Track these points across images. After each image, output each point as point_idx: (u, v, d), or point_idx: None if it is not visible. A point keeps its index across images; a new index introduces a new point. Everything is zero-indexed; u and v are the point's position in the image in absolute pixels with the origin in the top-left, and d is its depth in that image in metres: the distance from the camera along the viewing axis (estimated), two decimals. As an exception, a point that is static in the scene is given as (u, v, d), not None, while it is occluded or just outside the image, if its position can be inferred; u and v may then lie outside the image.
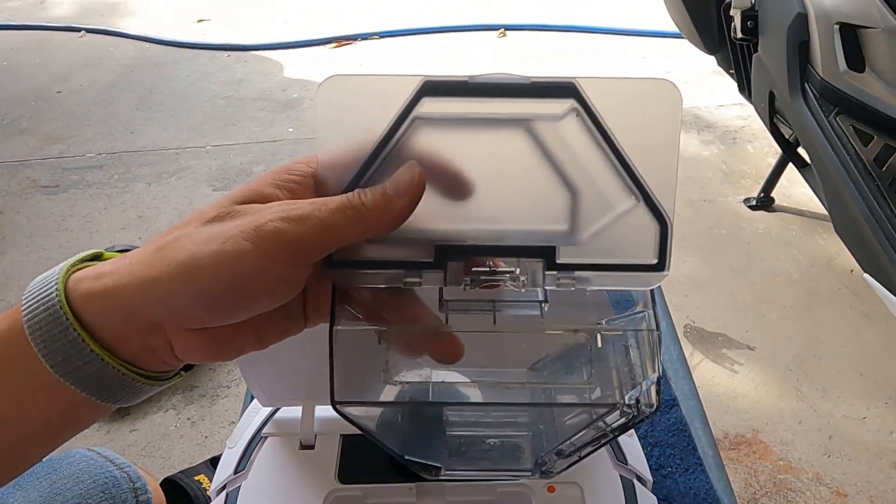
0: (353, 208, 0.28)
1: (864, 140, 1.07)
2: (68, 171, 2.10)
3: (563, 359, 0.37)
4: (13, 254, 1.77)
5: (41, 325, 0.28)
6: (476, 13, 3.01)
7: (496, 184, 0.30)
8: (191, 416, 1.33)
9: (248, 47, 2.83)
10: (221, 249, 0.27)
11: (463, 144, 0.30)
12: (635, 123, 0.29)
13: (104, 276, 0.29)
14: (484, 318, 0.33)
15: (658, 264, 0.31)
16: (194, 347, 0.30)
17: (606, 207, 0.30)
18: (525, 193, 0.30)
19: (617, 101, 0.29)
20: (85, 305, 0.28)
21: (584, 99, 0.29)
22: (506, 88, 0.29)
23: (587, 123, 0.29)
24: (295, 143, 2.20)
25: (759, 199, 1.82)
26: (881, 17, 0.99)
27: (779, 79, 1.23)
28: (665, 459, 0.57)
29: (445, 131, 0.29)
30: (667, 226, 0.30)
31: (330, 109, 0.29)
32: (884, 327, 1.47)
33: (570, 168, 0.30)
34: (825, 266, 1.64)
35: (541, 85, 0.29)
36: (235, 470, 0.51)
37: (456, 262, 0.30)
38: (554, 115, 0.29)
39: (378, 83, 0.29)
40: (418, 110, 0.29)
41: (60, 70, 2.69)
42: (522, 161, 0.30)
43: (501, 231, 0.30)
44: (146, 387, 0.30)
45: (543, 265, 0.30)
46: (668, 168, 0.30)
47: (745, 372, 1.40)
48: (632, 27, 2.81)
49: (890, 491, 1.19)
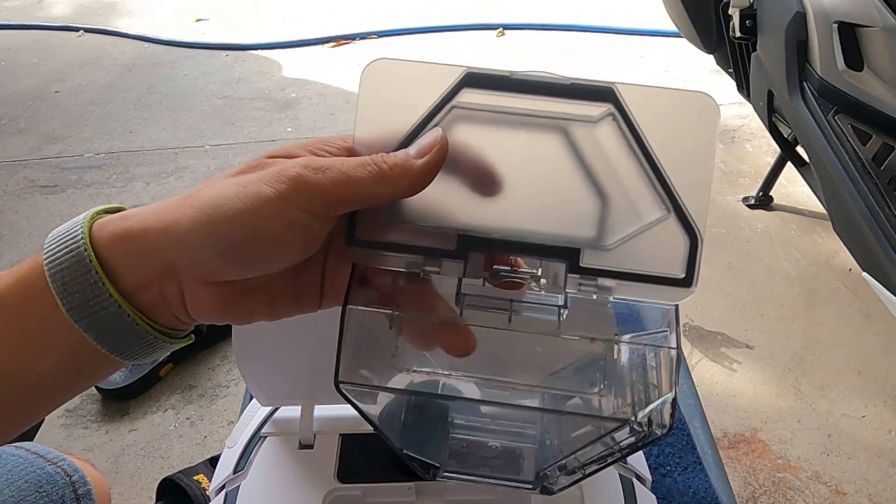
0: (375, 164, 0.28)
1: (862, 139, 1.07)
2: (67, 170, 2.10)
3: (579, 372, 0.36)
4: (11, 254, 1.77)
5: (63, 268, 0.28)
6: (475, 13, 3.01)
7: (526, 181, 0.30)
8: (190, 416, 1.33)
9: (246, 47, 2.83)
10: (241, 192, 0.28)
11: (497, 140, 0.30)
12: (671, 134, 0.29)
13: (130, 219, 0.29)
14: (499, 317, 0.33)
15: (685, 279, 0.30)
16: (206, 303, 0.30)
17: (636, 216, 0.29)
18: (553, 194, 0.30)
19: (654, 110, 0.29)
20: (108, 247, 0.29)
21: (622, 104, 0.29)
22: (545, 87, 0.29)
23: (623, 129, 0.29)
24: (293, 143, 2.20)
25: (758, 198, 1.82)
26: (880, 16, 0.99)
27: (777, 78, 1.23)
28: (664, 458, 0.57)
29: (481, 125, 0.29)
30: (697, 240, 0.29)
31: (372, 90, 0.29)
32: (882, 326, 1.47)
33: (602, 173, 0.29)
34: (824, 265, 1.64)
35: (580, 87, 0.29)
36: (235, 469, 0.51)
37: (477, 252, 0.30)
38: (590, 117, 0.29)
39: (422, 70, 0.29)
40: (458, 100, 0.29)
41: (58, 70, 2.69)
42: (554, 161, 0.30)
43: (526, 229, 0.30)
44: (158, 342, 0.30)
45: (566, 267, 0.30)
46: (701, 182, 0.29)
47: (744, 371, 1.40)
48: (630, 26, 2.81)
49: (889, 489, 1.19)
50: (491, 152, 0.30)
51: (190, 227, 0.28)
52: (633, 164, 0.29)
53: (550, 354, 0.35)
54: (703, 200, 0.29)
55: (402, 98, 0.29)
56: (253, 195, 0.27)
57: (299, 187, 0.28)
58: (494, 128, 0.30)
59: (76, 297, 0.28)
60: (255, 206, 0.27)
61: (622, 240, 0.30)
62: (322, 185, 0.28)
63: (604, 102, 0.29)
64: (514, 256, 0.31)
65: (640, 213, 0.29)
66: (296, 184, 0.28)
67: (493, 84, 0.29)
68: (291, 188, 0.28)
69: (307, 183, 0.28)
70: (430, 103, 0.29)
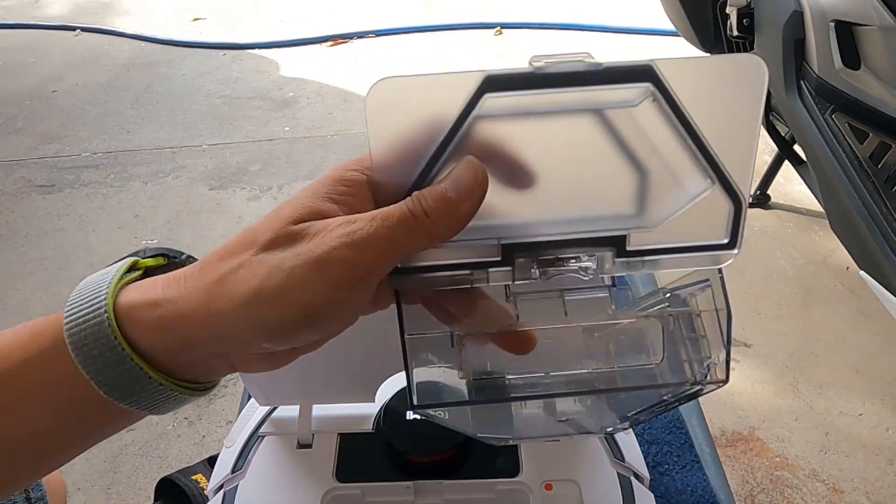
0: (416, 219, 0.27)
1: (859, 137, 1.07)
2: (64, 170, 2.09)
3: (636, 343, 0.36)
4: (9, 254, 1.76)
5: (92, 352, 0.27)
6: (473, 12, 3.01)
7: (562, 171, 0.28)
8: (188, 416, 1.32)
9: (244, 46, 2.82)
10: (285, 284, 0.26)
11: (526, 133, 0.28)
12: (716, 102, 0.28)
13: (160, 305, 0.28)
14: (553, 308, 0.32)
15: (730, 243, 0.29)
16: (255, 363, 0.30)
17: (679, 191, 0.29)
18: (593, 179, 0.29)
19: (698, 81, 0.27)
20: (143, 336, 0.28)
21: (663, 82, 0.27)
22: (576, 77, 0.27)
23: (664, 108, 0.27)
24: (291, 142, 2.20)
25: (756, 197, 1.82)
26: (877, 15, 0.99)
27: (774, 76, 1.23)
28: (662, 457, 0.57)
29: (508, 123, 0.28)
30: (741, 205, 0.29)
31: (381, 114, 0.27)
32: (880, 324, 1.47)
33: (642, 151, 0.28)
34: (821, 263, 1.64)
35: (615, 70, 0.27)
36: (233, 469, 0.50)
37: (523, 258, 0.29)
38: (630, 101, 0.27)
39: (433, 83, 0.27)
40: (480, 108, 0.27)
41: (55, 69, 2.68)
42: (590, 145, 0.28)
43: (569, 221, 0.29)
44: (195, 396, 0.31)
45: (614, 253, 0.29)
46: (748, 145, 0.28)
47: (742, 369, 1.40)
48: (627, 25, 2.81)
49: (886, 487, 1.19)
50: (520, 145, 0.28)
51: (235, 322, 0.27)
52: (675, 139, 0.28)
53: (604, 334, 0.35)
54: (749, 163, 0.28)
55: (418, 116, 0.27)
56: (300, 286, 0.26)
57: (346, 271, 0.26)
58: (524, 123, 0.28)
59: (114, 382, 0.27)
60: (303, 298, 0.26)
61: (666, 216, 0.29)
62: (369, 261, 0.26)
63: (642, 83, 0.27)
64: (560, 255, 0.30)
65: (684, 188, 0.29)
66: (343, 268, 0.26)
67: (517, 84, 0.27)
68: (339, 273, 0.26)
69: (355, 265, 0.26)
70: (449, 117, 0.27)
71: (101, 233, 1.83)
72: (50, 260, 1.74)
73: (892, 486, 1.20)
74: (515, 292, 0.32)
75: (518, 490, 0.47)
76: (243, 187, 2.00)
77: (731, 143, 0.28)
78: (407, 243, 0.27)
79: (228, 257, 0.28)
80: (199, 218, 1.88)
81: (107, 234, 1.83)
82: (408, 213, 0.27)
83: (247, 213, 1.89)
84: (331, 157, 2.12)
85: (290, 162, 2.10)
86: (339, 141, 2.20)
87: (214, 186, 2.00)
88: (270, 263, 0.27)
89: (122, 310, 0.28)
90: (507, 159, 0.28)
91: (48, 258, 1.75)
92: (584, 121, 0.28)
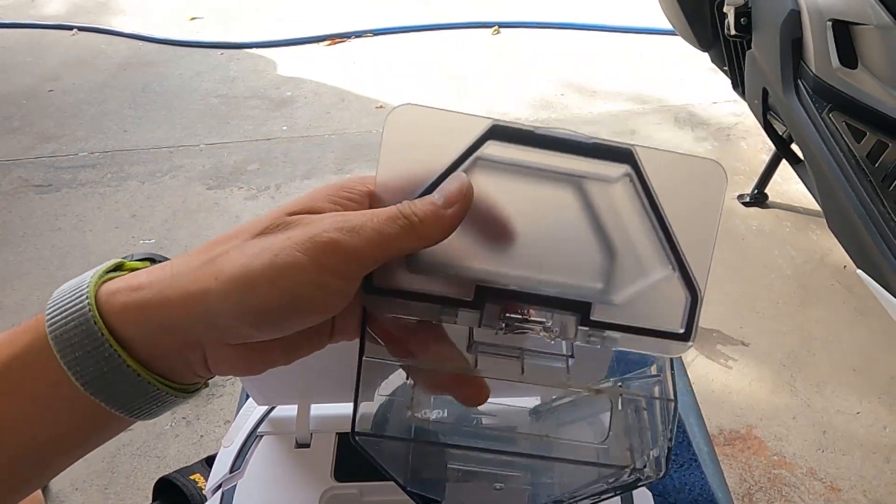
0: (405, 217, 0.28)
1: (857, 136, 1.07)
2: (61, 170, 2.09)
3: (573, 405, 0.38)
4: (6, 253, 1.76)
5: (72, 341, 0.27)
6: (471, 11, 3.01)
7: (540, 233, 0.31)
8: (186, 416, 1.32)
9: (241, 45, 2.82)
10: (275, 262, 0.26)
11: (514, 191, 0.30)
12: (681, 196, 0.31)
13: (142, 288, 0.28)
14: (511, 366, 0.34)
15: (685, 334, 0.31)
16: (229, 361, 0.29)
17: (643, 273, 0.31)
18: (567, 247, 0.31)
19: (668, 173, 0.31)
20: (122, 319, 0.27)
21: (640, 166, 0.30)
22: (568, 145, 0.30)
23: (637, 190, 0.30)
24: (289, 142, 2.20)
25: (753, 196, 1.82)
26: (874, 14, 0.99)
27: (772, 75, 1.23)
28: (660, 455, 0.57)
29: (501, 176, 0.30)
30: (697, 297, 0.31)
31: (397, 135, 0.30)
32: (877, 323, 1.47)
33: (614, 229, 0.31)
34: (819, 262, 1.65)
35: (601, 147, 0.30)
36: (231, 469, 0.50)
37: (493, 304, 0.31)
38: (608, 177, 0.30)
39: (448, 119, 0.30)
40: (482, 151, 0.30)
41: (52, 68, 2.67)
42: (568, 215, 0.31)
43: (540, 280, 0.31)
44: (177, 399, 0.30)
45: (577, 320, 0.31)
46: (705, 243, 0.31)
47: (740, 368, 1.40)
48: (626, 24, 2.81)
49: (883, 485, 1.20)
50: (507, 203, 0.30)
51: (219, 301, 0.27)
52: (644, 222, 0.31)
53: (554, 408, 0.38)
54: (706, 259, 0.31)
55: (427, 145, 0.30)
56: (289, 265, 0.26)
57: (335, 253, 0.27)
58: (513, 179, 0.30)
59: (90, 370, 0.27)
60: (291, 277, 0.26)
61: (629, 295, 0.31)
62: (358, 247, 0.27)
63: (622, 163, 0.30)
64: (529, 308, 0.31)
65: (647, 271, 0.31)
66: (331, 249, 0.27)
67: (518, 138, 0.30)
68: (327, 254, 0.27)
69: (344, 248, 0.27)
70: (454, 152, 0.30)
71: (99, 232, 1.83)
72: (47, 260, 1.74)
73: (890, 483, 1.20)
74: (478, 342, 0.33)
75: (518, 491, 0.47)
76: (241, 187, 1.99)
77: (692, 237, 0.31)
78: (396, 237, 0.28)
79: (220, 244, 0.28)
80: (197, 217, 1.88)
81: (104, 233, 1.82)
82: (397, 212, 0.28)
83: (244, 213, 1.89)
84: (328, 156, 2.12)
85: (288, 161, 2.10)
86: (336, 140, 2.20)
87: (212, 186, 2.00)
88: (261, 245, 0.27)
89: (104, 297, 0.28)
90: (493, 215, 0.30)
91: (45, 258, 1.74)
92: (568, 192, 0.31)
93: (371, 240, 0.27)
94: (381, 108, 2.36)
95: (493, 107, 2.34)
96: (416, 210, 0.28)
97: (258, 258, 0.27)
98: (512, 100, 2.38)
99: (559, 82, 2.48)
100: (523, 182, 0.30)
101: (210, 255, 0.28)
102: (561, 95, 2.40)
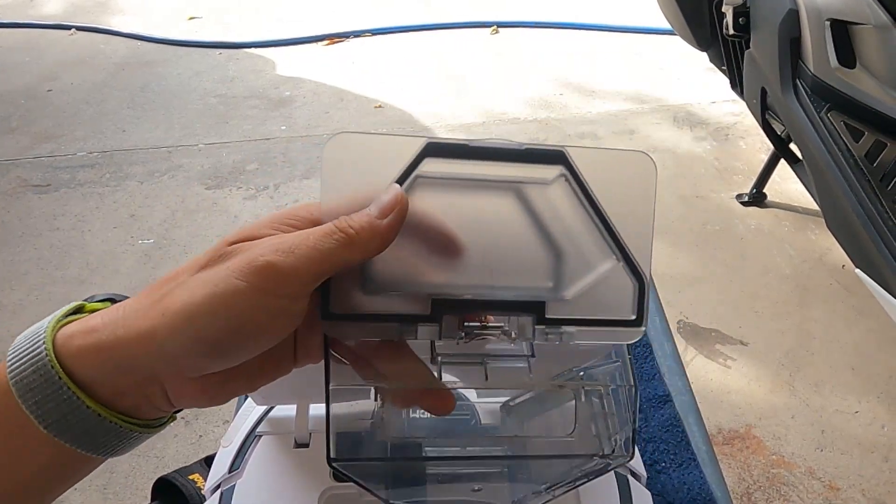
0: (341, 231, 0.28)
1: (855, 136, 1.07)
2: (59, 170, 2.09)
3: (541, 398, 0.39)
4: (5, 253, 1.76)
5: (31, 386, 0.27)
6: (470, 11, 3.01)
7: (487, 241, 0.32)
8: (185, 416, 1.32)
9: (240, 45, 2.82)
10: (214, 292, 0.27)
11: (457, 204, 0.31)
12: (616, 189, 0.32)
13: (96, 331, 0.28)
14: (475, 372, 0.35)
15: (636, 320, 0.33)
16: (190, 394, 0.30)
17: (589, 267, 0.32)
18: (514, 252, 0.32)
19: (601, 169, 0.32)
20: (78, 362, 0.28)
21: (573, 166, 0.31)
22: (501, 153, 0.31)
23: (574, 188, 0.31)
24: (287, 142, 2.20)
25: (752, 195, 1.83)
26: (872, 14, 0.99)
27: (770, 75, 1.23)
28: (659, 455, 0.57)
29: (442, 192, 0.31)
30: (644, 284, 0.32)
31: (336, 163, 0.30)
32: (875, 322, 1.48)
33: (557, 229, 0.32)
34: (817, 261, 1.65)
35: (534, 152, 0.31)
36: (230, 469, 0.50)
37: (451, 315, 0.31)
38: (544, 179, 0.31)
39: (383, 142, 0.31)
40: (421, 169, 0.31)
41: (50, 68, 2.67)
42: (511, 220, 0.32)
43: (493, 287, 0.32)
44: (143, 435, 0.31)
45: (533, 320, 0.32)
46: (644, 230, 0.32)
47: (739, 367, 1.41)
48: (625, 24, 2.81)
49: (882, 484, 1.20)
50: (452, 217, 0.31)
51: (167, 336, 0.27)
52: (584, 219, 0.32)
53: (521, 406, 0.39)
54: (647, 246, 0.32)
55: (366, 169, 0.31)
56: (229, 293, 0.27)
57: (272, 275, 0.27)
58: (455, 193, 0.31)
59: (53, 413, 0.27)
60: (231, 304, 0.27)
61: (579, 289, 0.32)
62: (295, 266, 0.27)
63: (556, 165, 0.31)
64: (487, 314, 0.32)
65: (593, 264, 0.32)
66: (268, 272, 0.27)
67: (453, 153, 0.31)
68: (264, 277, 0.27)
69: (281, 268, 0.27)
70: (393, 173, 0.30)
71: (97, 232, 1.83)
72: (45, 260, 1.74)
73: (888, 483, 1.20)
74: (440, 353, 0.34)
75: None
76: (240, 187, 1.99)
77: (631, 227, 0.32)
78: (333, 252, 0.28)
79: (167, 282, 0.29)
80: (196, 217, 1.88)
81: (102, 233, 1.82)
82: (332, 227, 0.29)
83: (243, 213, 1.89)
84: (327, 156, 2.12)
85: (287, 161, 2.10)
86: (335, 140, 2.20)
87: (211, 186, 2.00)
88: (203, 278, 0.28)
89: (61, 341, 0.28)
90: (439, 230, 0.31)
91: (44, 258, 1.74)
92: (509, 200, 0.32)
93: (308, 257, 0.28)
94: (380, 107, 2.36)
95: (492, 107, 2.34)
96: (352, 223, 0.29)
97: (200, 291, 0.27)
98: (511, 99, 2.38)
99: (558, 82, 2.48)
100: (465, 194, 0.31)
101: (158, 293, 0.28)
102: (560, 95, 2.40)
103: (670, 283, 1.58)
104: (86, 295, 0.34)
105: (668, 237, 1.73)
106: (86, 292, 1.61)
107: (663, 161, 2.00)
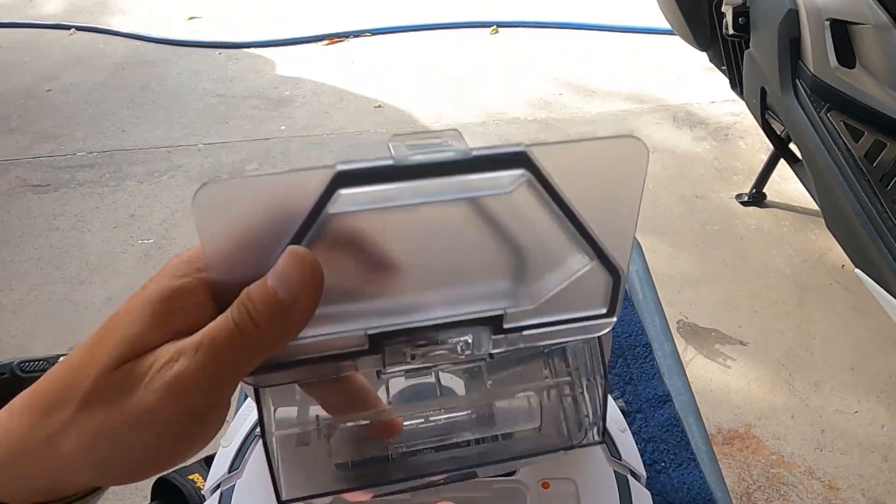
0: (245, 334, 0.24)
1: (854, 136, 1.08)
2: (59, 169, 2.09)
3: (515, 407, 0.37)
4: (4, 253, 1.76)
5: None
6: (470, 11, 3.01)
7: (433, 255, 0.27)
8: (184, 416, 1.32)
9: (239, 45, 2.82)
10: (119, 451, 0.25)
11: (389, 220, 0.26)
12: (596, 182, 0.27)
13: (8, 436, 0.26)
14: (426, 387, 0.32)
15: (608, 312, 0.30)
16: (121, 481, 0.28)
17: (558, 268, 0.29)
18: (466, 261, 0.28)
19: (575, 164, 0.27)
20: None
21: (537, 167, 0.26)
22: (443, 167, 0.24)
23: (539, 191, 0.26)
24: (287, 141, 2.20)
25: (751, 195, 1.83)
26: (871, 14, 0.99)
27: (770, 75, 1.23)
28: (659, 455, 0.57)
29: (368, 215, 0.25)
30: (619, 277, 0.29)
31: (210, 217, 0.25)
32: (875, 322, 1.48)
33: (518, 232, 0.27)
34: (817, 261, 1.65)
35: (487, 158, 0.25)
36: (230, 469, 0.50)
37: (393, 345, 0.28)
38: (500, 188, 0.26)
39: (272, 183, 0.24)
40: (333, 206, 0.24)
41: (50, 68, 2.67)
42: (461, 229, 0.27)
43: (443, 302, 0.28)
44: None
45: (490, 332, 0.29)
46: (628, 220, 0.28)
47: (738, 367, 1.41)
48: (624, 24, 2.81)
49: (882, 484, 1.20)
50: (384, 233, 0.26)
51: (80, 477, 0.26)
52: (552, 220, 0.27)
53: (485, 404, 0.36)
54: (628, 238, 0.28)
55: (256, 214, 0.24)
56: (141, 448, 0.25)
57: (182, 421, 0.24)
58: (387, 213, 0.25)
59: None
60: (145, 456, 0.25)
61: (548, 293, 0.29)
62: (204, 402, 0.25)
63: (517, 168, 0.25)
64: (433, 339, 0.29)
65: (562, 266, 0.29)
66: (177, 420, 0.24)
67: (376, 178, 0.24)
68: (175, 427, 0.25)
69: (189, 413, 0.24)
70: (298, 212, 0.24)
71: (97, 232, 1.83)
72: (45, 260, 1.74)
73: (888, 482, 1.20)
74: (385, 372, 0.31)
75: (515, 488, 0.47)
76: (239, 186, 1.99)
77: (611, 220, 0.28)
78: (240, 366, 0.25)
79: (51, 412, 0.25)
80: (195, 217, 1.88)
81: (102, 233, 1.82)
82: (234, 329, 0.24)
83: (243, 213, 1.89)
84: (326, 155, 2.12)
85: (287, 161, 2.10)
86: (334, 140, 2.20)
87: (210, 186, 2.00)
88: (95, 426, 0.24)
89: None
90: (367, 250, 0.26)
91: (43, 258, 1.74)
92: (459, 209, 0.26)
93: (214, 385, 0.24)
94: (380, 107, 2.36)
95: (492, 107, 2.34)
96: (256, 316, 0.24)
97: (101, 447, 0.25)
98: (511, 99, 2.38)
99: (558, 82, 2.48)
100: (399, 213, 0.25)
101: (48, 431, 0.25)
102: (559, 95, 2.40)
103: (670, 282, 1.58)
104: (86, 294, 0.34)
105: (668, 237, 1.73)
106: (86, 292, 1.61)
107: (663, 161, 2.00)
